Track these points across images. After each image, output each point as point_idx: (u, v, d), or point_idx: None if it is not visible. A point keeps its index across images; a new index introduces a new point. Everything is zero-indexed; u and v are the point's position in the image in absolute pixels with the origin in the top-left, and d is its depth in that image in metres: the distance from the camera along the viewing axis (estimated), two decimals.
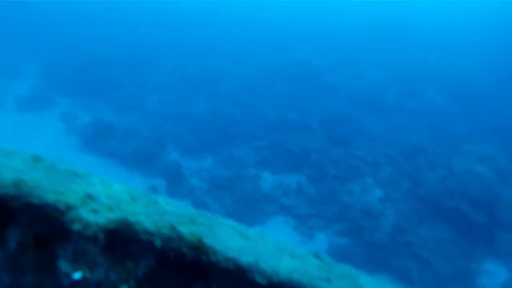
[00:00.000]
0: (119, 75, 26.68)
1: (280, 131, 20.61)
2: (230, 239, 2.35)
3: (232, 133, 20.64)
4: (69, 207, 2.15)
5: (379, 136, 20.59)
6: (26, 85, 26.41)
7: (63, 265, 2.21)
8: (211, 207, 16.02)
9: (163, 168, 18.17)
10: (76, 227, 2.12)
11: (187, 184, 17.51)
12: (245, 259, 2.24)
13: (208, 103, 23.17)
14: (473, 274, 13.73)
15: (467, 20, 45.10)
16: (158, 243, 2.20)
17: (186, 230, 2.25)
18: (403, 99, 24.17)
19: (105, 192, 2.33)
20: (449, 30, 39.86)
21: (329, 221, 15.95)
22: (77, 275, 2.18)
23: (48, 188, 2.21)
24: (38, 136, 20.70)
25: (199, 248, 2.23)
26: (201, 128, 20.85)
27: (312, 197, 16.91)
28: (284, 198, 16.98)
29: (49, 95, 24.77)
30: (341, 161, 18.48)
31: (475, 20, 44.34)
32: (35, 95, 24.54)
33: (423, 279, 13.38)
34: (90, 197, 2.24)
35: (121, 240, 2.21)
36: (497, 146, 19.33)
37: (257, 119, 21.61)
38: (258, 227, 15.39)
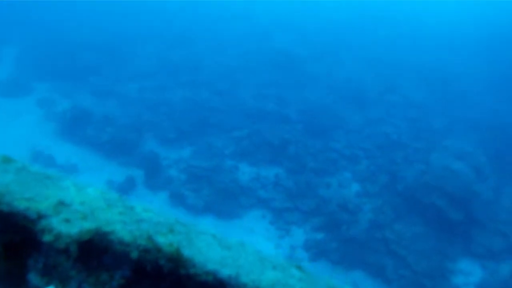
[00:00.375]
0: (98, 61, 26.31)
1: (259, 121, 20.54)
2: (210, 249, 2.26)
3: (211, 122, 20.51)
4: (41, 216, 2.04)
5: (357, 129, 20.68)
6: (3, 70, 25.91)
7: (34, 278, 2.11)
8: (188, 198, 15.93)
9: (141, 158, 17.99)
10: (47, 238, 2.01)
11: (165, 174, 17.38)
12: (225, 271, 2.16)
13: (187, 91, 22.95)
14: (449, 272, 13.87)
15: (449, 14, 45.42)
16: (134, 254, 2.10)
17: (163, 240, 2.16)
18: (382, 92, 24.20)
19: (79, 198, 2.22)
20: (431, 24, 40.07)
21: (306, 215, 15.98)
22: None
23: (19, 194, 2.09)
24: (16, 123, 20.34)
25: (177, 260, 2.14)
26: (179, 116, 20.68)
27: (289, 190, 16.90)
28: (261, 190, 16.96)
29: (27, 81, 24.32)
30: (319, 154, 18.51)
31: (457, 14, 44.68)
32: (13, 80, 24.06)
33: (399, 276, 13.48)
34: (62, 204, 2.13)
35: (95, 251, 2.11)
36: (475, 142, 19.39)
37: (236, 108, 21.51)
38: (236, 221, 15.37)
